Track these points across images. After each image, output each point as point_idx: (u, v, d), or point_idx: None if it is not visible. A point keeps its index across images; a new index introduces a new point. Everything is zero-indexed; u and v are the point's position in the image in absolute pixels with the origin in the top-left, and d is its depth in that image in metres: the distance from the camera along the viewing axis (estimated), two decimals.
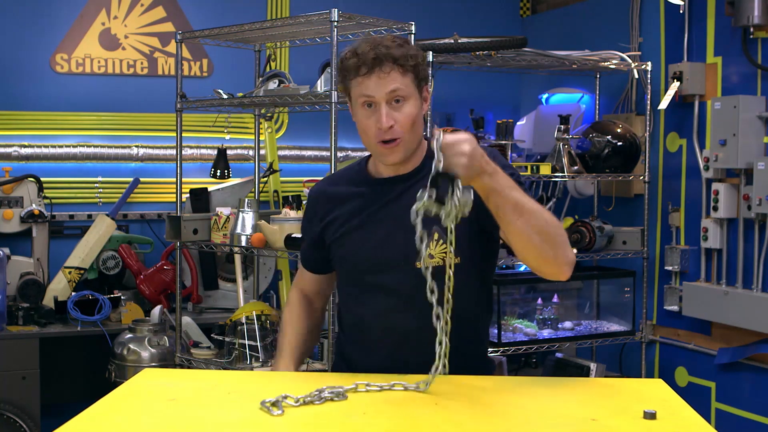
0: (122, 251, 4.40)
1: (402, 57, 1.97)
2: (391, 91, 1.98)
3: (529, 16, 5.47)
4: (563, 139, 4.09)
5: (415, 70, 2.00)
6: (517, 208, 1.84)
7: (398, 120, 1.99)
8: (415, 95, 2.00)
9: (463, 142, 1.76)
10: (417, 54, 2.01)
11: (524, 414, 1.72)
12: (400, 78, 1.98)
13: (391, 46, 1.98)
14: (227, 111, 4.19)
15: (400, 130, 1.99)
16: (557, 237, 1.90)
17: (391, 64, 1.97)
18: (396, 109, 1.99)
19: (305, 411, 1.68)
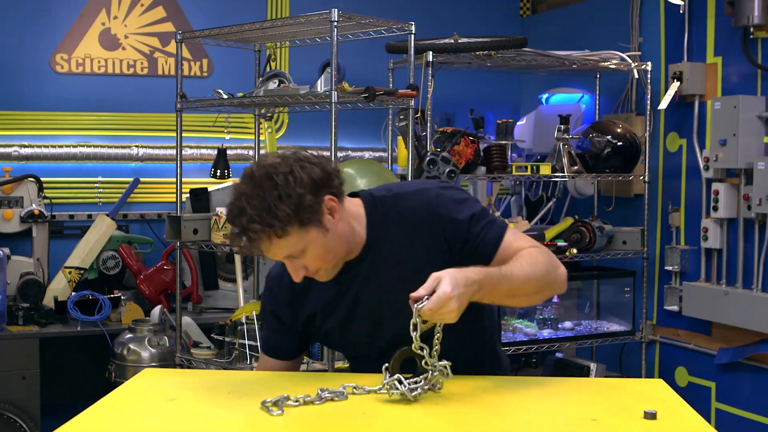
0: (122, 251, 4.40)
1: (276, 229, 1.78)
2: (284, 257, 1.86)
3: (529, 16, 5.47)
4: (563, 139, 4.09)
5: (299, 221, 1.79)
6: (509, 294, 1.87)
7: (308, 266, 1.88)
8: (310, 236, 1.82)
9: (447, 302, 1.70)
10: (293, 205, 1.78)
11: (524, 414, 1.72)
12: (284, 242, 1.81)
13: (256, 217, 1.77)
14: (227, 111, 4.19)
15: (315, 268, 1.89)
16: (547, 278, 1.91)
17: (267, 240, 1.80)
18: (301, 259, 1.86)
19: (305, 411, 1.68)
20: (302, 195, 1.79)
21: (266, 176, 1.80)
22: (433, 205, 1.94)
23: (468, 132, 3.97)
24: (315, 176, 1.82)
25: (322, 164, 1.87)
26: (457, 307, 1.71)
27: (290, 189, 1.78)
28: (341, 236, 1.89)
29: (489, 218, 1.96)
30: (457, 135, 3.84)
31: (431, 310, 1.70)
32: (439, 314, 1.71)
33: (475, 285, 1.77)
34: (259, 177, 1.80)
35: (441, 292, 1.70)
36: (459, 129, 3.98)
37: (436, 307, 1.69)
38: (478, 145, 3.90)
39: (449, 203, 1.94)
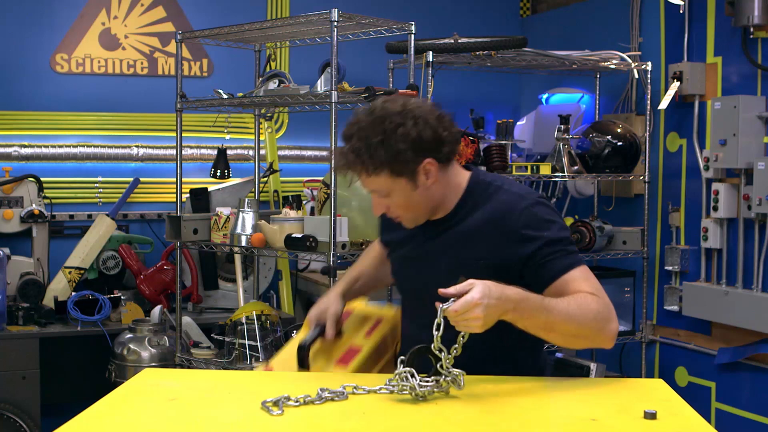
0: (122, 251, 4.40)
1: (367, 165, 1.92)
2: (371, 191, 2.00)
3: (529, 16, 5.47)
4: (563, 139, 4.09)
5: (391, 168, 1.92)
6: (546, 327, 1.86)
7: (390, 207, 2.01)
8: (398, 185, 1.95)
9: (473, 308, 1.71)
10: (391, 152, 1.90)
11: (524, 414, 1.71)
12: (374, 180, 1.95)
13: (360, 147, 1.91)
14: (227, 111, 4.19)
15: (396, 212, 2.02)
16: (594, 328, 1.91)
17: (360, 172, 1.96)
18: (385, 199, 1.99)
19: (305, 411, 1.68)
20: (402, 150, 1.90)
21: (380, 119, 1.91)
22: (520, 214, 1.97)
23: (468, 132, 3.97)
24: (423, 137, 1.92)
25: (437, 129, 1.94)
26: (483, 316, 1.71)
27: (394, 140, 1.89)
28: (429, 197, 2.00)
29: (565, 248, 1.97)
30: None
31: (456, 312, 1.71)
32: (463, 319, 1.72)
33: (510, 303, 1.77)
34: (376, 116, 1.92)
35: (469, 296, 1.72)
36: (459, 129, 3.97)
37: (461, 310, 1.71)
38: (478, 145, 3.90)
39: (534, 218, 1.97)
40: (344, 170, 1.98)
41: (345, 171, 1.98)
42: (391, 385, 1.78)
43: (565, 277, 1.95)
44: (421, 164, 1.93)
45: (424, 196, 1.98)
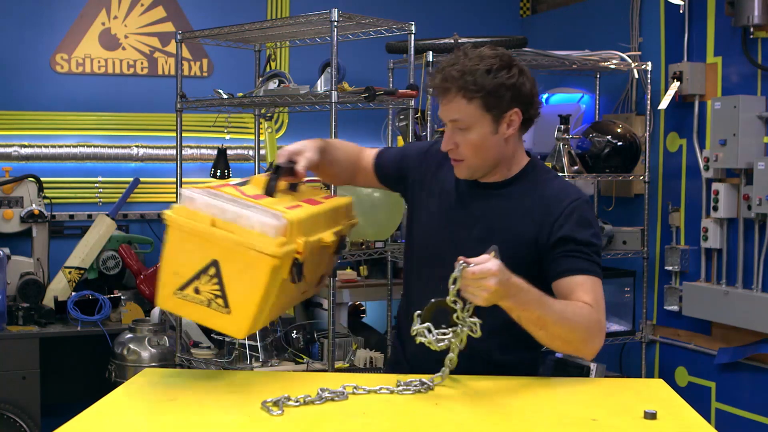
0: (122, 251, 4.40)
1: (468, 85, 1.94)
2: (451, 120, 2.00)
3: (529, 16, 5.47)
4: (563, 139, 4.09)
5: (486, 99, 1.96)
6: (539, 323, 1.87)
7: (460, 144, 2.01)
8: (482, 122, 1.98)
9: (489, 277, 1.73)
10: (493, 83, 1.95)
11: (524, 414, 1.72)
12: (464, 107, 1.97)
13: (466, 69, 1.95)
14: (227, 111, 4.19)
15: (463, 153, 2.02)
16: (581, 337, 1.93)
17: (455, 92, 1.96)
18: (461, 133, 2.00)
19: (305, 411, 1.68)
20: (503, 87, 1.96)
21: (491, 56, 1.97)
22: (570, 203, 2.01)
23: None
24: (523, 88, 1.99)
25: (534, 87, 2.03)
26: (494, 288, 1.73)
27: (499, 77, 1.95)
28: (500, 149, 2.03)
29: (590, 254, 2.00)
30: None
31: (473, 274, 1.73)
32: (477, 284, 1.73)
33: (514, 289, 1.79)
34: (486, 54, 1.98)
35: (489, 264, 1.74)
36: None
37: (479, 274, 1.73)
38: None
39: (579, 214, 2.01)
40: (440, 87, 1.98)
41: (440, 88, 1.98)
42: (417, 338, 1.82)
43: (576, 278, 1.97)
44: (511, 110, 1.98)
45: (496, 145, 2.01)
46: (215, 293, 1.75)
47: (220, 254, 1.73)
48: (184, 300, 1.78)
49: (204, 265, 1.75)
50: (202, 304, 1.77)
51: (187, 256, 1.76)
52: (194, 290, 1.77)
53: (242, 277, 1.72)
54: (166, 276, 1.80)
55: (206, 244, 1.74)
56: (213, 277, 1.75)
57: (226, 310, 1.75)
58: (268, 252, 1.69)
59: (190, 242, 1.76)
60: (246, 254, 1.71)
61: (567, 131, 4.11)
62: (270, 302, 1.77)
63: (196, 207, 1.76)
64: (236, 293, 1.74)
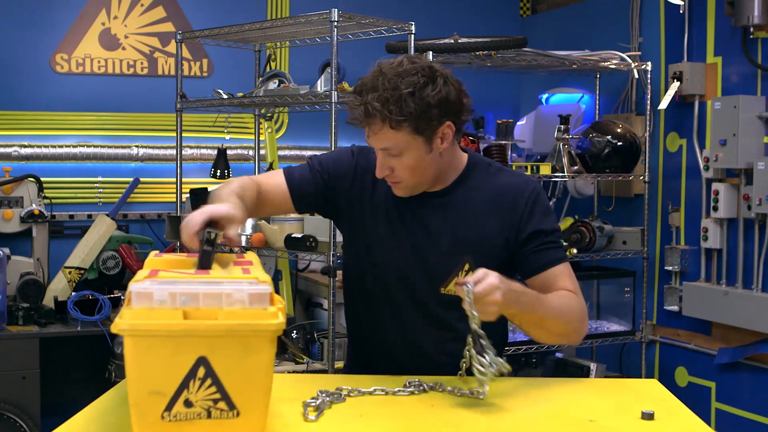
0: (122, 251, 4.40)
1: (392, 114, 1.83)
2: (382, 148, 1.91)
3: (529, 16, 5.47)
4: (563, 139, 4.09)
5: (414, 123, 1.86)
6: (538, 323, 1.88)
7: (395, 168, 1.93)
8: (414, 145, 1.89)
9: (494, 291, 1.71)
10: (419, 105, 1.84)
11: (522, 415, 1.71)
12: (392, 135, 1.87)
13: (387, 96, 1.83)
14: (227, 111, 4.20)
15: (400, 176, 1.94)
16: (574, 328, 1.94)
17: (380, 124, 1.86)
18: (394, 158, 1.91)
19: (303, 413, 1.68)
20: (430, 106, 1.85)
21: (411, 72, 1.86)
22: (530, 196, 1.99)
23: (468, 132, 3.97)
24: (450, 98, 1.89)
25: (461, 93, 1.93)
26: (501, 301, 1.71)
27: (424, 94, 1.85)
28: (437, 164, 1.96)
29: (557, 241, 2.00)
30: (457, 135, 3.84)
31: (480, 293, 1.68)
32: (484, 303, 1.70)
33: (514, 295, 1.77)
34: (405, 69, 1.86)
35: (490, 279, 1.71)
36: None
37: (484, 292, 1.69)
38: (478, 145, 3.90)
39: (541, 205, 2.00)
40: (363, 120, 1.89)
41: (364, 122, 1.89)
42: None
43: (554, 270, 1.97)
44: (442, 126, 1.90)
45: (433, 162, 1.94)
46: (213, 398, 1.44)
47: (206, 348, 1.42)
48: (176, 422, 1.43)
49: (189, 368, 1.42)
50: (200, 418, 1.44)
51: (163, 365, 1.42)
52: (185, 404, 1.43)
53: (242, 365, 1.44)
54: (142, 401, 1.43)
55: (186, 343, 1.42)
56: (205, 379, 1.43)
57: (233, 413, 1.45)
58: (270, 327, 1.43)
59: (163, 348, 1.42)
60: (242, 337, 1.43)
61: (567, 131, 4.12)
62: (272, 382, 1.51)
63: (157, 302, 1.43)
64: (240, 387, 1.44)
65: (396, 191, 1.99)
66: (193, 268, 1.67)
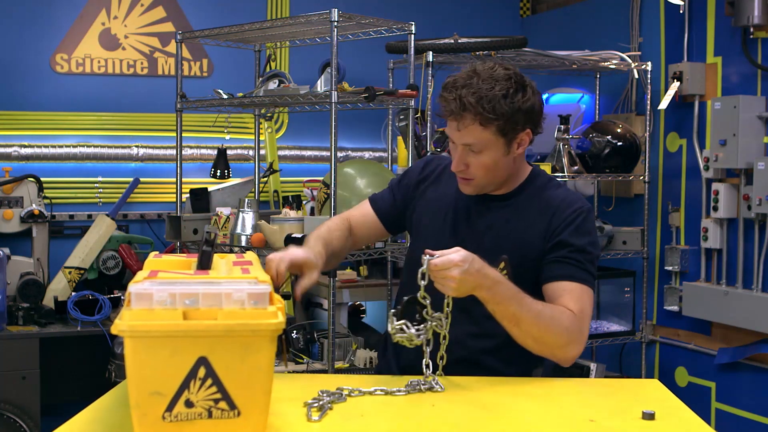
0: (122, 251, 4.40)
1: (485, 112, 1.94)
2: (465, 143, 2.00)
3: (529, 16, 5.47)
4: (563, 139, 4.09)
5: (502, 125, 1.96)
6: (513, 320, 1.89)
7: (471, 165, 2.02)
8: (495, 145, 1.99)
9: (452, 268, 1.77)
10: (510, 108, 1.95)
11: (522, 415, 1.71)
12: (479, 132, 1.97)
13: (482, 94, 1.94)
14: (227, 111, 4.19)
15: (474, 173, 2.03)
16: (556, 341, 1.93)
17: (471, 119, 1.96)
18: (473, 155, 2.01)
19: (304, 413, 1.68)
20: (518, 111, 1.96)
21: (507, 77, 1.97)
22: (572, 212, 2.04)
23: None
24: (536, 107, 2.01)
25: (542, 106, 2.05)
26: (458, 278, 1.77)
27: (515, 99, 1.96)
28: (509, 168, 2.06)
29: (584, 263, 2.00)
30: None
31: (435, 266, 1.77)
32: (440, 276, 1.78)
33: (488, 281, 1.82)
34: (499, 73, 1.97)
35: (451, 256, 1.78)
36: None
37: (440, 265, 1.77)
38: None
39: (580, 222, 2.03)
40: (455, 113, 1.96)
41: (455, 114, 1.96)
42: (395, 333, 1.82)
43: (565, 284, 1.98)
44: (523, 132, 2.01)
45: (506, 164, 2.04)
46: (214, 398, 1.45)
47: (206, 348, 1.44)
48: (177, 423, 1.44)
49: (189, 368, 1.44)
50: (201, 418, 1.45)
51: (164, 366, 1.43)
52: (185, 404, 1.44)
53: (243, 365, 1.45)
54: (143, 402, 1.44)
55: (186, 343, 1.43)
56: (205, 379, 1.44)
57: (234, 413, 1.46)
58: (270, 326, 1.44)
59: (163, 348, 1.43)
60: (241, 337, 1.44)
61: (567, 131, 4.12)
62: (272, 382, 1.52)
63: (157, 303, 1.44)
64: (241, 387, 1.46)
65: (464, 188, 2.08)
66: (193, 268, 1.69)
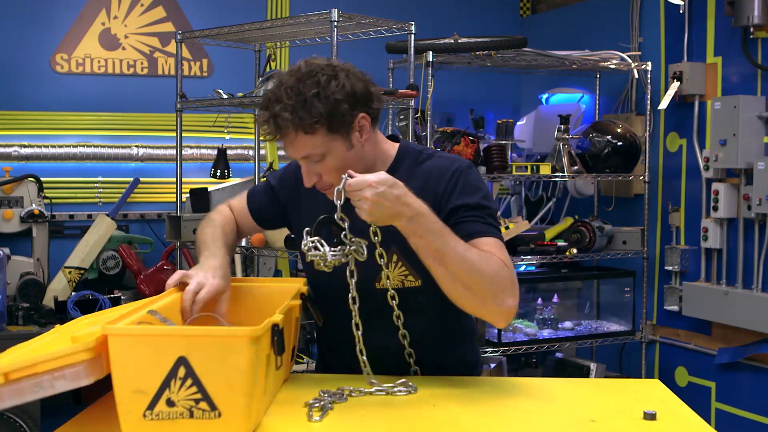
0: (122, 251, 4.40)
1: (304, 121, 1.81)
2: (303, 156, 1.88)
3: (529, 16, 5.47)
4: (563, 139, 4.09)
5: (327, 123, 1.83)
6: (437, 256, 1.77)
7: (323, 173, 1.89)
8: (333, 145, 1.86)
9: (365, 188, 1.70)
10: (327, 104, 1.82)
11: (522, 415, 1.71)
12: (309, 141, 1.84)
13: (294, 103, 1.81)
14: (227, 111, 4.19)
15: (329, 181, 1.89)
16: (488, 288, 1.80)
17: (294, 133, 1.84)
18: (318, 164, 1.88)
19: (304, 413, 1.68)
20: (339, 101, 1.83)
21: (311, 74, 1.85)
22: (451, 176, 1.93)
23: (468, 132, 3.97)
24: (357, 89, 1.86)
25: (367, 82, 1.91)
26: (371, 200, 1.70)
27: (329, 92, 1.82)
28: (363, 158, 1.92)
29: (486, 216, 1.90)
30: (457, 135, 3.84)
31: (349, 185, 1.71)
32: (354, 197, 1.71)
33: (409, 210, 1.74)
34: (304, 73, 1.85)
35: (366, 176, 1.72)
36: (459, 129, 3.98)
37: (354, 186, 1.71)
38: (478, 145, 3.90)
39: (464, 181, 1.93)
40: (275, 134, 1.85)
41: (276, 135, 1.85)
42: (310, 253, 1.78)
43: (480, 239, 1.86)
44: (356, 118, 1.87)
45: (357, 157, 1.90)
46: (195, 398, 1.45)
47: (186, 349, 1.44)
48: (158, 421, 1.45)
49: (170, 367, 1.45)
50: (182, 418, 1.45)
51: (144, 365, 1.45)
52: (167, 403, 1.45)
53: (222, 366, 1.45)
54: (126, 399, 1.46)
55: (166, 342, 1.45)
56: (186, 379, 1.44)
57: (215, 413, 1.46)
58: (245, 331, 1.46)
59: (144, 347, 1.45)
60: (219, 338, 1.46)
61: (567, 131, 4.12)
62: (260, 386, 1.53)
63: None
64: (221, 388, 1.45)
65: (332, 197, 1.86)
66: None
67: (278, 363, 1.68)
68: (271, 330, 1.55)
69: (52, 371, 1.44)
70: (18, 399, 1.46)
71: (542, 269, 4.30)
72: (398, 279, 1.94)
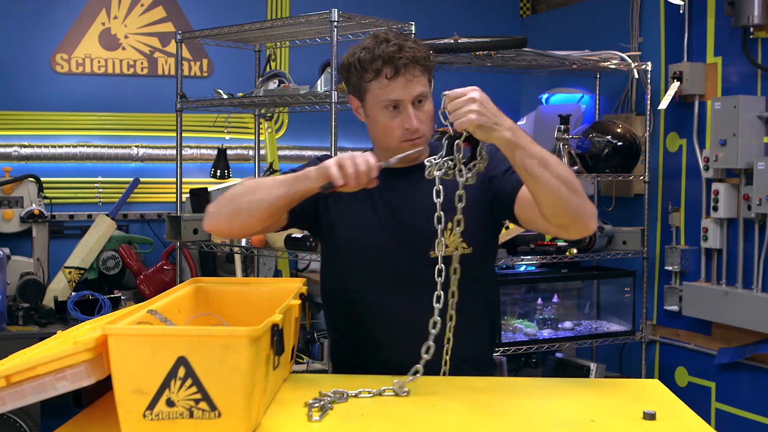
0: (122, 251, 4.40)
1: (424, 59, 2.00)
2: (417, 94, 2.01)
3: (529, 16, 5.47)
4: (563, 139, 4.09)
5: (431, 69, 2.05)
6: (542, 162, 1.84)
7: (422, 119, 2.03)
8: (428, 91, 2.05)
9: (470, 91, 1.80)
10: (428, 51, 2.03)
11: (523, 415, 1.72)
12: (424, 80, 2.02)
13: (413, 47, 1.99)
14: (227, 111, 4.20)
15: (424, 128, 2.04)
16: (579, 186, 1.89)
17: (419, 68, 2.00)
18: (419, 108, 2.03)
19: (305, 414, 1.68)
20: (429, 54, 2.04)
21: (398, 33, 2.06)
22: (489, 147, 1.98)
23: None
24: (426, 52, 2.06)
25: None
26: (479, 99, 1.78)
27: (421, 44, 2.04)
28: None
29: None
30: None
31: (456, 95, 1.80)
32: (459, 105, 1.79)
33: (507, 122, 1.84)
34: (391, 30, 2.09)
35: (468, 89, 1.81)
36: None
37: (459, 93, 1.79)
38: None
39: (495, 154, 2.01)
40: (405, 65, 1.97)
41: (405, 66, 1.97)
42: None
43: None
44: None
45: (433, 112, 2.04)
46: (194, 398, 1.45)
47: (185, 349, 1.45)
48: (159, 421, 1.46)
49: (169, 367, 1.45)
50: (182, 418, 1.46)
51: (144, 364, 1.45)
52: (167, 403, 1.45)
53: (221, 366, 1.45)
54: (126, 399, 1.46)
55: (165, 342, 1.46)
56: (185, 379, 1.45)
57: (215, 413, 1.46)
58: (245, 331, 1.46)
59: (143, 346, 1.45)
60: (219, 338, 1.46)
61: (567, 131, 4.12)
62: (260, 386, 1.53)
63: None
64: (221, 388, 1.46)
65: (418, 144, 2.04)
66: None
67: (277, 363, 1.68)
68: (270, 330, 1.55)
69: (54, 372, 1.44)
70: (20, 401, 1.45)
71: (542, 269, 4.30)
72: (453, 245, 1.96)
